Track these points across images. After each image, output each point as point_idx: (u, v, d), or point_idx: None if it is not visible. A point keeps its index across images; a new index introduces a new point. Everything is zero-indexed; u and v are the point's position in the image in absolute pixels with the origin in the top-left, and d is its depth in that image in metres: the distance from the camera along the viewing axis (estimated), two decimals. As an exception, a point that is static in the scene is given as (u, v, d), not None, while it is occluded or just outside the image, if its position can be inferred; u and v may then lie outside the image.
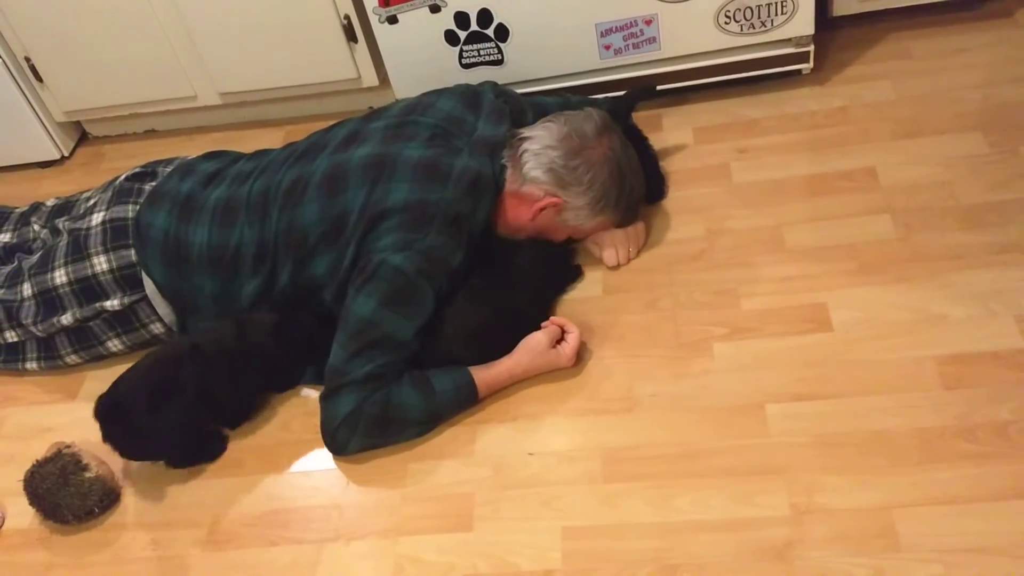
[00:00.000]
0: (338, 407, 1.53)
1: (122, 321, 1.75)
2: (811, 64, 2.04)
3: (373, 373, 1.53)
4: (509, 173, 1.67)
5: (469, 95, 1.79)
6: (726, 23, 1.95)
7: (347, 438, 1.54)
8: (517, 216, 1.68)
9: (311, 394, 1.70)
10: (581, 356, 1.62)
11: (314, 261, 1.64)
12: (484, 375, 1.58)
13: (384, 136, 1.67)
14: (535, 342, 1.60)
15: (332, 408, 1.54)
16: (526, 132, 1.68)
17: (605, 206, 1.67)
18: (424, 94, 1.82)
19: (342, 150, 1.68)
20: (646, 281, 1.74)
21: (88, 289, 1.71)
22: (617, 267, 1.77)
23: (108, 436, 1.56)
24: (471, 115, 1.74)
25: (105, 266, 1.70)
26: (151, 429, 1.57)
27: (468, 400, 1.59)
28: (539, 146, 1.65)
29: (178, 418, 1.57)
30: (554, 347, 1.60)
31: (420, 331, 1.57)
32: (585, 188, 1.64)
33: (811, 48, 2.00)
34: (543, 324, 1.63)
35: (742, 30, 1.96)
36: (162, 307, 1.72)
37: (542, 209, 1.66)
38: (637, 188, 1.72)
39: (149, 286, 1.70)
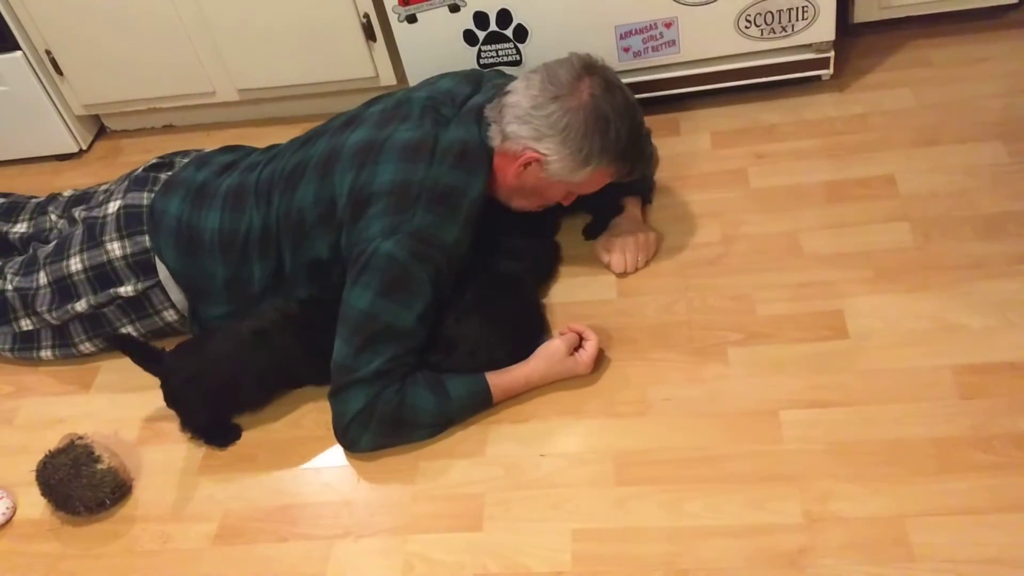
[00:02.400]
0: (348, 404, 1.53)
1: (136, 307, 1.75)
2: (831, 70, 2.03)
3: (382, 369, 1.52)
4: (493, 130, 1.61)
5: (474, 75, 1.78)
6: (746, 27, 1.95)
7: (359, 435, 1.54)
8: (504, 177, 1.62)
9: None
10: (598, 363, 1.61)
11: (314, 243, 1.63)
12: (499, 381, 1.58)
13: (379, 120, 1.66)
14: (553, 349, 1.59)
15: (342, 405, 1.54)
16: (508, 87, 1.62)
17: (590, 154, 1.55)
18: (432, 76, 1.81)
19: (339, 134, 1.68)
20: (661, 285, 1.73)
21: (103, 276, 1.72)
22: (624, 274, 1.76)
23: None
24: (468, 89, 1.71)
25: (119, 252, 1.71)
26: (188, 402, 1.64)
27: (482, 406, 1.58)
28: (515, 98, 1.58)
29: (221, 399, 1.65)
30: (571, 354, 1.60)
31: (423, 319, 1.55)
32: (562, 138, 1.54)
33: (831, 54, 2.00)
34: (561, 331, 1.62)
35: (762, 35, 1.96)
36: (175, 293, 1.73)
37: (525, 166, 1.59)
38: (627, 131, 1.57)
39: (163, 272, 1.71)
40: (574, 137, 1.54)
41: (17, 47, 2.23)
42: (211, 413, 1.66)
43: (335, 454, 1.59)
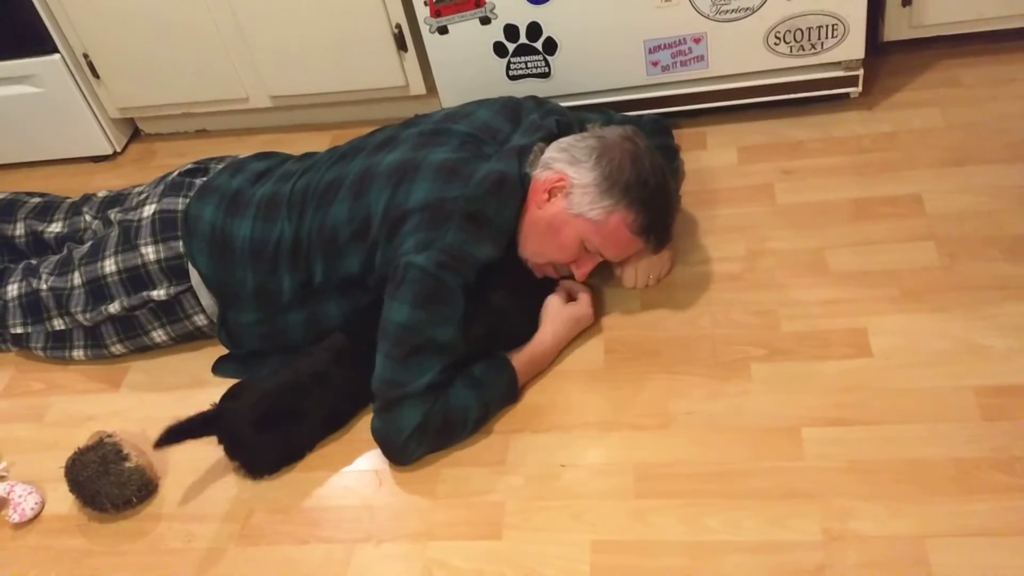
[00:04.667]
0: (403, 420, 1.53)
1: (167, 311, 1.78)
2: (859, 88, 2.03)
3: (434, 383, 1.53)
4: (532, 163, 1.65)
5: (512, 107, 1.80)
6: (776, 44, 1.95)
7: (415, 449, 1.55)
8: (529, 208, 1.64)
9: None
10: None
11: (346, 259, 1.66)
12: (515, 353, 1.63)
13: (416, 142, 1.69)
14: (548, 303, 1.70)
15: (396, 421, 1.53)
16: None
17: (613, 186, 1.56)
18: (467, 103, 1.84)
19: (375, 154, 1.70)
20: (685, 298, 1.74)
21: (136, 278, 1.75)
22: (634, 288, 1.76)
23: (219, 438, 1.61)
24: (508, 126, 1.75)
25: (153, 256, 1.74)
26: (256, 446, 1.61)
27: (510, 383, 1.61)
28: (565, 139, 1.67)
29: (288, 441, 1.63)
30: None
31: (460, 328, 1.57)
32: (593, 163, 1.58)
33: (860, 72, 2.00)
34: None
35: (792, 51, 1.96)
36: (206, 299, 1.75)
37: (549, 193, 1.61)
38: (656, 183, 1.59)
39: (195, 277, 1.74)
40: (605, 165, 1.58)
41: (55, 50, 2.27)
42: (281, 452, 1.63)
43: (357, 458, 1.61)
